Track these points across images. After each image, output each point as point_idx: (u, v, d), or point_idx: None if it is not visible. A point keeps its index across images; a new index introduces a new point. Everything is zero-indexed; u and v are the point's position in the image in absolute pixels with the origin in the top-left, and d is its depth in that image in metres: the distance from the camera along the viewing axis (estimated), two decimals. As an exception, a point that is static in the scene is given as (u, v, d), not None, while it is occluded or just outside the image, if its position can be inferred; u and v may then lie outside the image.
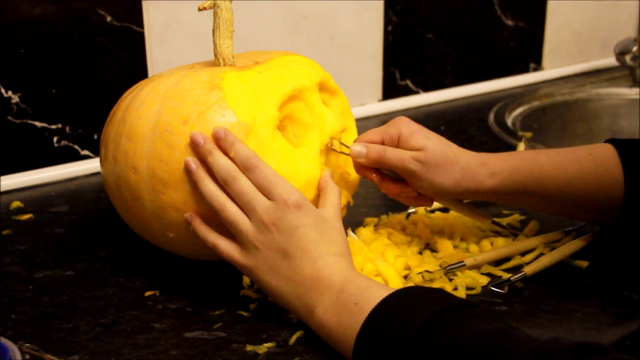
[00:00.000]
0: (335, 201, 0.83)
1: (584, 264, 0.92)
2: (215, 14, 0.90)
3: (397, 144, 0.89)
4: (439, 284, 0.87)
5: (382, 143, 0.90)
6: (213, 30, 0.90)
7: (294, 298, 0.77)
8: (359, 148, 0.89)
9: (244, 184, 0.79)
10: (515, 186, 0.89)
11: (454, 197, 0.92)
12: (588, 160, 0.90)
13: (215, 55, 0.91)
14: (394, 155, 0.88)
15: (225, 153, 0.80)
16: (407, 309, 0.69)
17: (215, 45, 0.91)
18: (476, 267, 0.90)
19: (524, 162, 0.90)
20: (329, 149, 0.89)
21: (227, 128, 0.81)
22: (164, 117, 0.83)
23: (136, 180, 0.84)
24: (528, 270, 0.88)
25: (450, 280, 0.87)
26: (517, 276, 0.87)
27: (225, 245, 0.80)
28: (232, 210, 0.79)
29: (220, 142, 0.81)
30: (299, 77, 0.88)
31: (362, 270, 0.88)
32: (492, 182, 0.88)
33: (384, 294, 0.72)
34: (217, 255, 0.87)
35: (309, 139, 0.88)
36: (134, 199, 0.85)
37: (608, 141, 0.93)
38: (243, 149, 0.80)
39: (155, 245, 0.90)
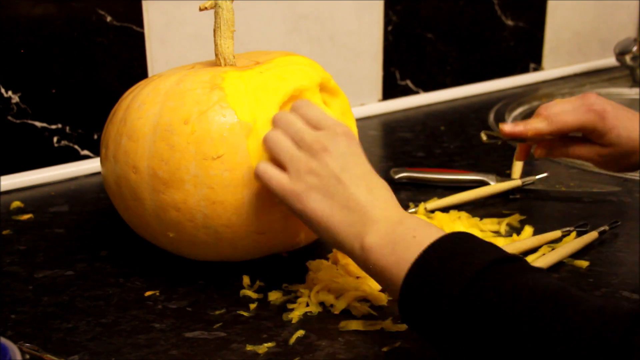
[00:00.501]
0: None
1: (584, 264, 0.92)
2: (216, 14, 0.90)
3: (590, 134, 0.93)
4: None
5: (575, 131, 0.93)
6: (214, 30, 0.90)
7: (344, 226, 0.74)
8: (544, 152, 0.96)
9: (291, 116, 0.80)
10: None
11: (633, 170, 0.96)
12: None
13: (216, 55, 0.91)
14: (580, 154, 0.95)
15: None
16: (469, 249, 0.67)
17: (216, 45, 0.91)
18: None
19: None
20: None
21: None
22: (164, 117, 0.83)
23: (137, 180, 0.84)
24: None
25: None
26: None
27: (275, 173, 0.78)
28: (279, 138, 0.79)
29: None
30: (299, 77, 0.88)
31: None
32: None
33: (442, 233, 0.70)
34: (215, 255, 0.87)
35: None
36: (135, 199, 0.85)
37: None
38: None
39: (155, 245, 0.90)
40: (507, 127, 0.93)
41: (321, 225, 0.76)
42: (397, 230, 0.71)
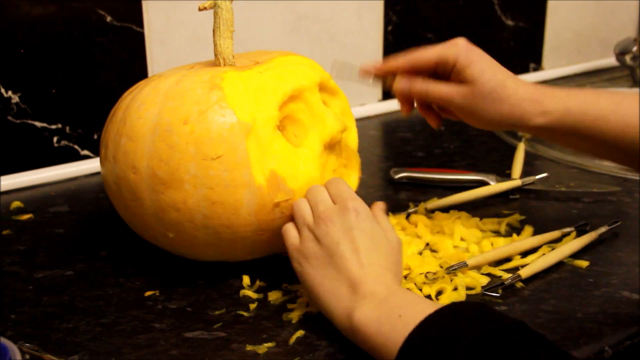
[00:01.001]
0: (384, 217, 0.84)
1: (584, 264, 0.92)
2: (215, 14, 0.90)
3: (451, 69, 0.88)
4: (440, 284, 0.86)
5: (436, 64, 0.89)
6: (213, 30, 0.90)
7: (333, 298, 0.76)
8: (404, 84, 0.90)
9: (320, 188, 0.83)
10: (566, 128, 0.87)
11: (500, 129, 0.92)
12: None
13: (216, 55, 0.91)
14: (439, 91, 0.89)
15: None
16: (455, 328, 0.66)
17: (215, 45, 0.91)
18: (476, 267, 0.90)
19: (582, 104, 0.86)
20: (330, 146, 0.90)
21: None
22: (164, 117, 0.83)
23: (136, 180, 0.84)
24: (524, 273, 0.88)
25: (451, 280, 0.87)
26: (510, 279, 0.87)
27: (292, 234, 0.82)
28: (301, 205, 0.82)
29: None
30: (299, 77, 0.88)
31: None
32: (541, 121, 0.86)
33: (428, 311, 0.69)
34: (215, 255, 0.87)
35: (309, 139, 0.87)
36: (134, 199, 0.85)
37: None
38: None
39: (155, 245, 0.90)
40: (366, 66, 0.91)
41: (312, 292, 0.78)
42: (383, 308, 0.72)
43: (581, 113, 0.86)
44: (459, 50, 0.88)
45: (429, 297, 0.85)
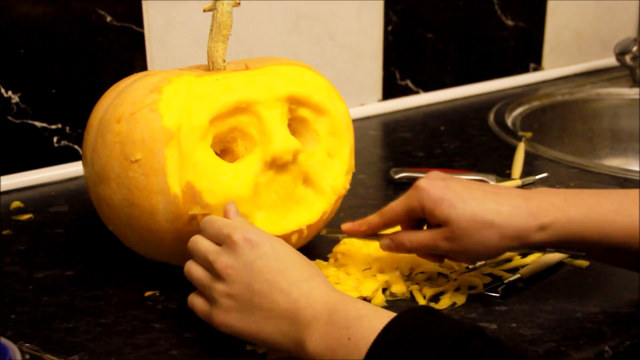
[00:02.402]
0: (259, 230, 0.76)
1: (584, 263, 0.92)
2: (212, 16, 0.89)
3: (423, 215, 0.82)
4: (441, 285, 0.87)
5: (407, 217, 0.83)
6: (209, 33, 0.90)
7: (279, 337, 0.70)
8: (388, 244, 0.84)
9: (199, 240, 0.77)
10: (571, 237, 0.78)
11: (500, 255, 0.82)
12: None
13: (207, 58, 0.90)
14: (420, 242, 0.82)
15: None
16: (412, 343, 0.63)
17: (207, 47, 0.90)
18: (481, 264, 0.90)
19: (581, 208, 0.78)
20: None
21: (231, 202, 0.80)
22: (107, 114, 0.85)
23: (86, 172, 0.88)
24: (524, 272, 0.88)
25: (455, 279, 0.88)
26: (511, 279, 0.87)
27: (199, 303, 0.76)
28: (193, 270, 0.76)
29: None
30: (253, 89, 0.84)
31: (369, 268, 0.88)
32: (541, 237, 0.78)
33: (376, 325, 0.65)
34: (156, 256, 0.89)
35: (252, 154, 0.84)
36: (88, 189, 0.89)
37: None
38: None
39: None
40: (345, 225, 0.87)
41: (258, 341, 0.73)
42: (330, 333, 0.67)
43: (584, 217, 0.78)
44: (421, 195, 0.80)
45: (429, 298, 0.85)
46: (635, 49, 1.61)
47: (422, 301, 0.84)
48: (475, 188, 0.81)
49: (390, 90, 1.52)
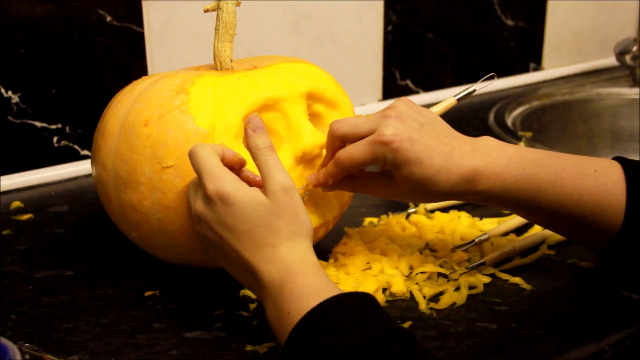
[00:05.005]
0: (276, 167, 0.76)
1: (584, 264, 0.92)
2: (217, 16, 0.89)
3: (385, 167, 0.84)
4: (442, 285, 0.87)
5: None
6: (214, 33, 0.90)
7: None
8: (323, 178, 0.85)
9: (191, 189, 0.79)
10: (503, 201, 0.84)
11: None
12: (591, 178, 0.82)
13: (214, 58, 0.91)
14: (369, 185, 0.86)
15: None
16: (332, 334, 0.65)
17: (214, 48, 0.90)
18: (481, 264, 0.90)
19: (519, 180, 0.82)
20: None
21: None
22: (130, 118, 0.84)
23: (105, 178, 0.86)
24: (492, 233, 0.95)
25: (455, 279, 0.88)
26: (481, 238, 0.93)
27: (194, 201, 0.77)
28: (190, 188, 0.79)
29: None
30: (278, 86, 0.85)
31: (369, 268, 0.88)
32: (476, 198, 0.84)
33: (313, 303, 0.67)
34: (179, 259, 0.87)
35: (281, 151, 0.85)
36: (105, 196, 0.87)
37: (616, 159, 0.85)
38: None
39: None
40: (310, 178, 0.86)
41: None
42: (277, 304, 0.70)
43: (518, 189, 0.82)
44: (386, 151, 0.80)
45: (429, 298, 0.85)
46: (635, 49, 1.61)
47: (422, 301, 0.84)
48: (442, 140, 0.83)
49: (390, 90, 1.52)
